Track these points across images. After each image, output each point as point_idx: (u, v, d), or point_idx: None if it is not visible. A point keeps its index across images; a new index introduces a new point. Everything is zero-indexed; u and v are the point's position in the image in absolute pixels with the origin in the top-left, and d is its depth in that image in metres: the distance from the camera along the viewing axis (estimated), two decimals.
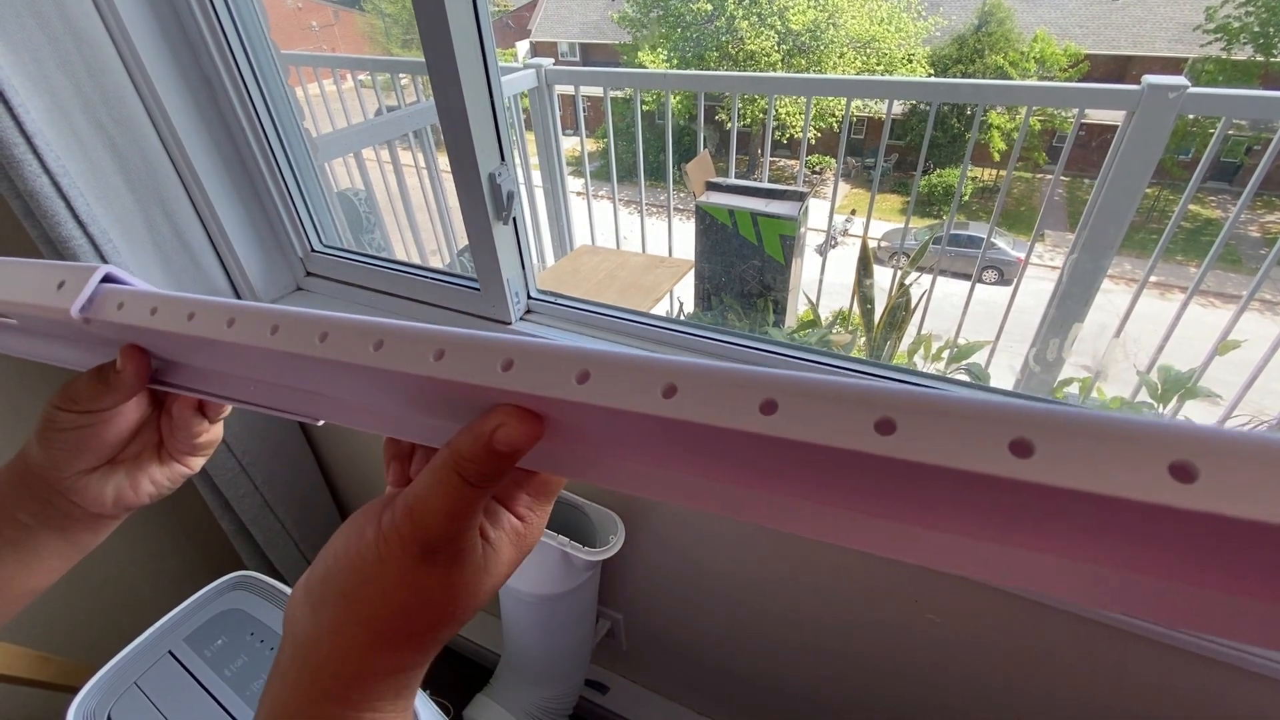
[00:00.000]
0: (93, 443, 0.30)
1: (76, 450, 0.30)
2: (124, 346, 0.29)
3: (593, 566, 0.88)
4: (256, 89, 0.87)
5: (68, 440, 0.30)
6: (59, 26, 0.72)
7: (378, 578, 0.22)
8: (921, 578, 0.73)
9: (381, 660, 0.23)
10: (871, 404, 0.14)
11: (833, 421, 0.14)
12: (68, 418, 0.29)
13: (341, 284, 1.00)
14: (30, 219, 0.77)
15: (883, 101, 1.79)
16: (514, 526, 0.25)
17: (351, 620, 0.22)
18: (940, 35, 9.14)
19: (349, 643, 0.22)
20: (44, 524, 0.31)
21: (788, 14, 8.68)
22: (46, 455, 0.30)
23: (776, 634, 0.95)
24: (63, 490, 0.31)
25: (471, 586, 0.23)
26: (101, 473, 0.31)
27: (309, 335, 0.21)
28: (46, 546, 0.31)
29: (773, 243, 1.75)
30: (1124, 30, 8.67)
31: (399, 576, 0.22)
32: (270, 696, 0.24)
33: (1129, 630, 0.61)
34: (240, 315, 0.22)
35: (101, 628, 1.12)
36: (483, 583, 0.23)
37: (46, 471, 0.30)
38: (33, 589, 0.32)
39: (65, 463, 0.30)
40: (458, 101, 0.71)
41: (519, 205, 0.83)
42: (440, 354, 0.19)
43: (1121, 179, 1.40)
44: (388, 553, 0.22)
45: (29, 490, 0.30)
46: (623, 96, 2.11)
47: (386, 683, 0.23)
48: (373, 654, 0.22)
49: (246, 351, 0.23)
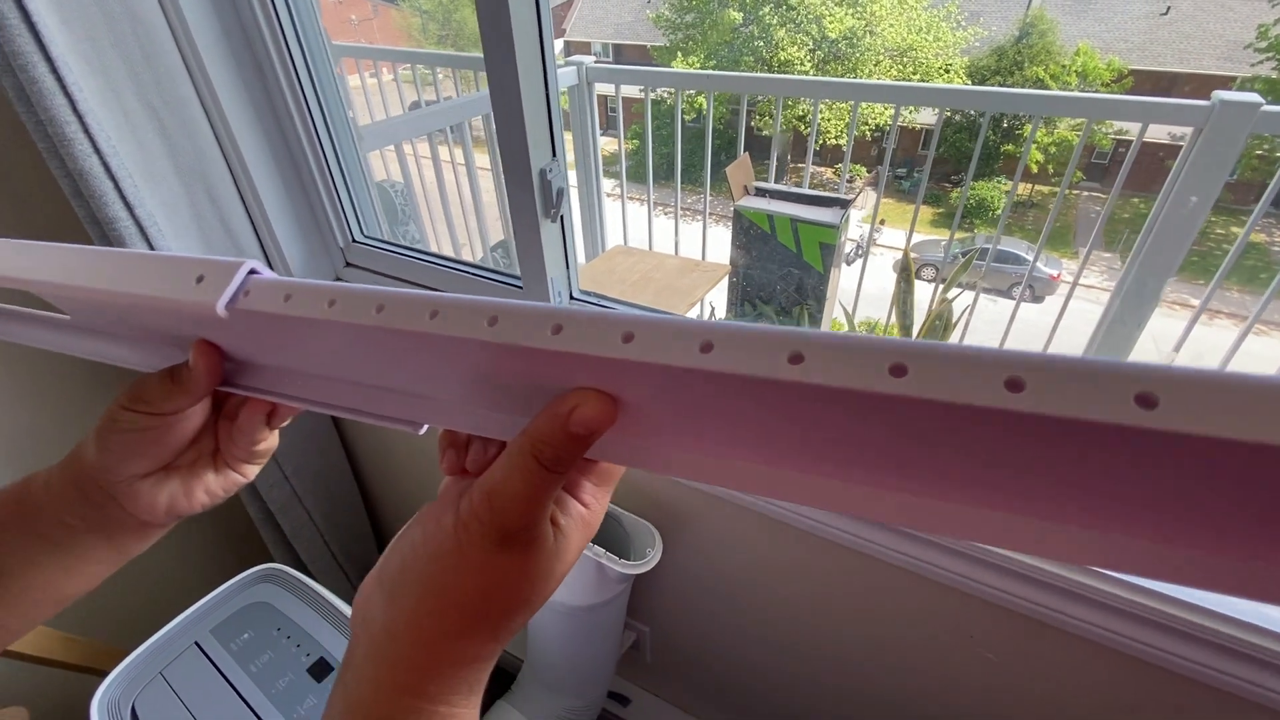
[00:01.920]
0: (153, 447, 0.29)
1: (135, 453, 0.29)
2: (196, 342, 0.27)
3: (626, 579, 0.85)
4: (308, 77, 0.85)
5: (128, 442, 0.28)
6: (116, 7, 0.71)
7: (457, 566, 0.22)
8: (972, 608, 0.69)
9: (458, 650, 0.23)
10: (1002, 364, 0.14)
11: (964, 381, 0.14)
12: (133, 418, 0.28)
13: (380, 275, 0.99)
14: (78, 198, 0.76)
15: (918, 110, 1.74)
16: (580, 513, 0.25)
17: (430, 610, 0.22)
18: (979, 45, 8.99)
19: (427, 633, 0.23)
20: (92, 529, 0.29)
21: (824, 21, 8.60)
22: (103, 457, 0.28)
23: (806, 656, 0.92)
24: (115, 495, 0.29)
25: (545, 572, 0.23)
26: (156, 479, 0.30)
27: (479, 319, 0.21)
28: (91, 552, 0.30)
29: (812, 250, 1.72)
30: (1171, 46, 8.45)
31: (478, 562, 0.22)
32: (344, 692, 0.23)
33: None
34: (390, 301, 0.22)
35: (126, 610, 1.12)
36: (555, 568, 0.24)
37: (100, 474, 0.29)
38: (71, 594, 0.31)
39: (122, 466, 0.29)
40: (514, 95, 0.69)
41: (567, 203, 0.80)
42: (558, 328, 0.19)
43: (1184, 200, 1.34)
44: (466, 540, 0.22)
45: (80, 493, 0.29)
46: (656, 98, 2.08)
47: (462, 674, 0.23)
48: (450, 643, 0.23)
49: (355, 346, 0.23)
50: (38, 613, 0.30)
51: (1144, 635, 0.57)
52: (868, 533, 0.67)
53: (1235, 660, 0.54)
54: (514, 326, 0.20)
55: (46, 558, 0.29)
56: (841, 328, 1.97)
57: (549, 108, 0.73)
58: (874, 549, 0.68)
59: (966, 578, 0.63)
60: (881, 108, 4.49)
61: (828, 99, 2.06)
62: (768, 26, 8.81)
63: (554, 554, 0.23)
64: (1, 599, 0.29)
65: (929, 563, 0.65)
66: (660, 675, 1.19)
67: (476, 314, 0.20)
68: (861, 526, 0.67)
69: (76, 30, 0.69)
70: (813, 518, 0.70)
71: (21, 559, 0.29)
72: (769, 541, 0.81)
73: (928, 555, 0.65)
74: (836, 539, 0.70)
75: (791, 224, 1.70)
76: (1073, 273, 6.44)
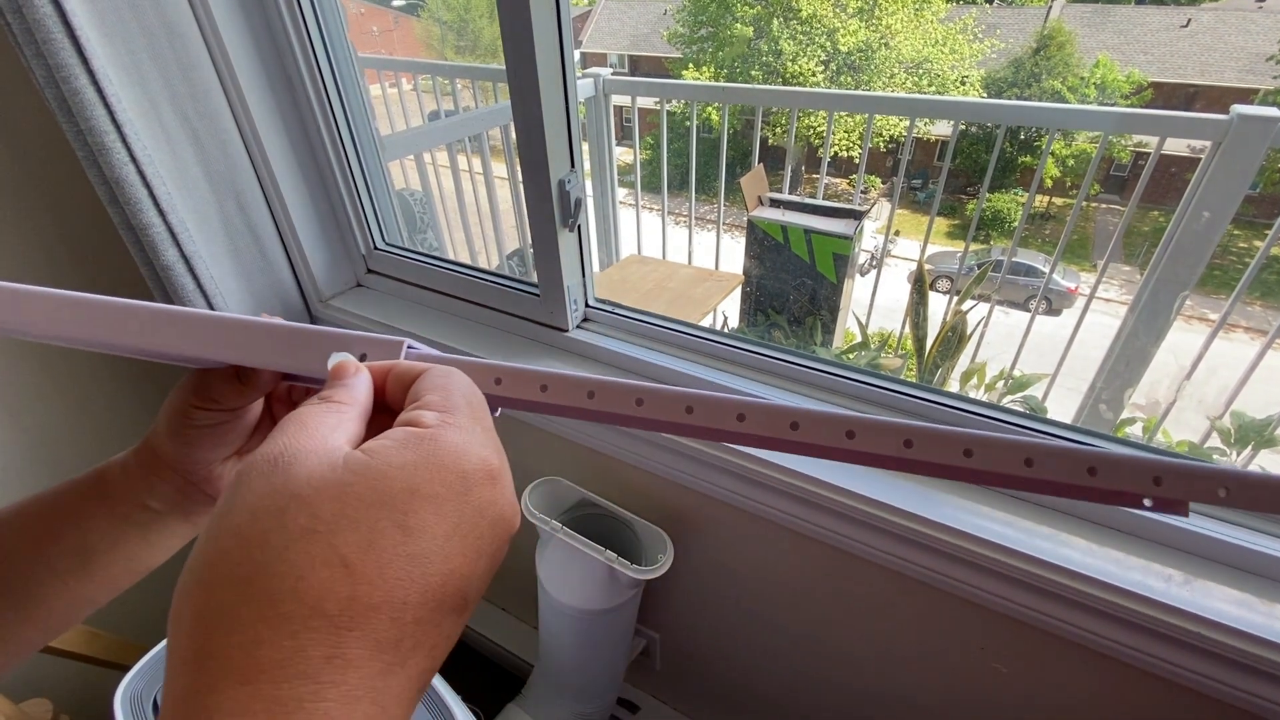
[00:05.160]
0: (228, 435, 0.31)
1: (215, 445, 0.31)
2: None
3: (637, 585, 0.86)
4: (334, 88, 0.88)
5: (204, 435, 0.31)
6: (155, 21, 0.74)
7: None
8: (983, 619, 0.69)
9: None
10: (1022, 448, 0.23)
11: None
12: (209, 415, 0.30)
13: (401, 282, 1.01)
14: (114, 205, 0.79)
15: (933, 122, 1.75)
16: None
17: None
18: (996, 58, 8.96)
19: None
20: (172, 510, 0.32)
21: (837, 35, 8.61)
22: (180, 449, 0.31)
23: (816, 666, 0.91)
24: (195, 481, 0.32)
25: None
26: (232, 462, 0.33)
27: (678, 407, 0.26)
28: (170, 528, 0.33)
29: (825, 261, 1.72)
30: (1191, 59, 8.37)
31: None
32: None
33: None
34: (600, 389, 0.26)
35: (148, 607, 1.14)
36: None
37: (181, 464, 0.31)
38: (151, 566, 0.33)
39: (204, 456, 0.31)
40: (534, 107, 0.71)
41: (584, 213, 0.82)
42: (741, 416, 0.24)
43: (1202, 214, 1.34)
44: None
45: (158, 479, 0.31)
46: (671, 109, 2.10)
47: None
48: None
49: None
50: (120, 585, 0.33)
51: (1159, 650, 0.57)
52: (881, 542, 0.68)
53: (1257, 680, 0.54)
54: (708, 413, 0.24)
55: (130, 537, 0.32)
56: (854, 338, 1.97)
57: (569, 120, 0.75)
58: (887, 559, 0.68)
59: (978, 589, 0.63)
60: (896, 120, 4.50)
61: (842, 111, 2.06)
62: (777, 40, 8.84)
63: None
64: (91, 576, 0.31)
65: (941, 573, 0.65)
66: (669, 683, 1.18)
67: (676, 402, 0.25)
68: (875, 536, 0.68)
69: (116, 44, 0.72)
70: (826, 527, 0.70)
71: (108, 540, 0.31)
72: (781, 549, 0.81)
73: (940, 566, 0.65)
74: (849, 548, 0.70)
75: (805, 235, 1.71)
76: (1090, 285, 6.37)
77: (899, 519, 0.64)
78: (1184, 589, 0.55)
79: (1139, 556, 0.58)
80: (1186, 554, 0.58)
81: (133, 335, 0.26)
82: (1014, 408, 0.73)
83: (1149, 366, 1.50)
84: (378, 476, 0.18)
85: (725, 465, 0.73)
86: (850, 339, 1.98)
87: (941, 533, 0.62)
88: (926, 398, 0.71)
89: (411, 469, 0.19)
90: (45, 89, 0.70)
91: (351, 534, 0.17)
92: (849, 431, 0.23)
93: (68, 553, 0.31)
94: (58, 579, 0.30)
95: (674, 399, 0.25)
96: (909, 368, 1.81)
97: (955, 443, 0.22)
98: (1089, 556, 0.58)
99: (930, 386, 1.66)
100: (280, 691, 0.15)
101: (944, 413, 0.69)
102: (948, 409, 0.69)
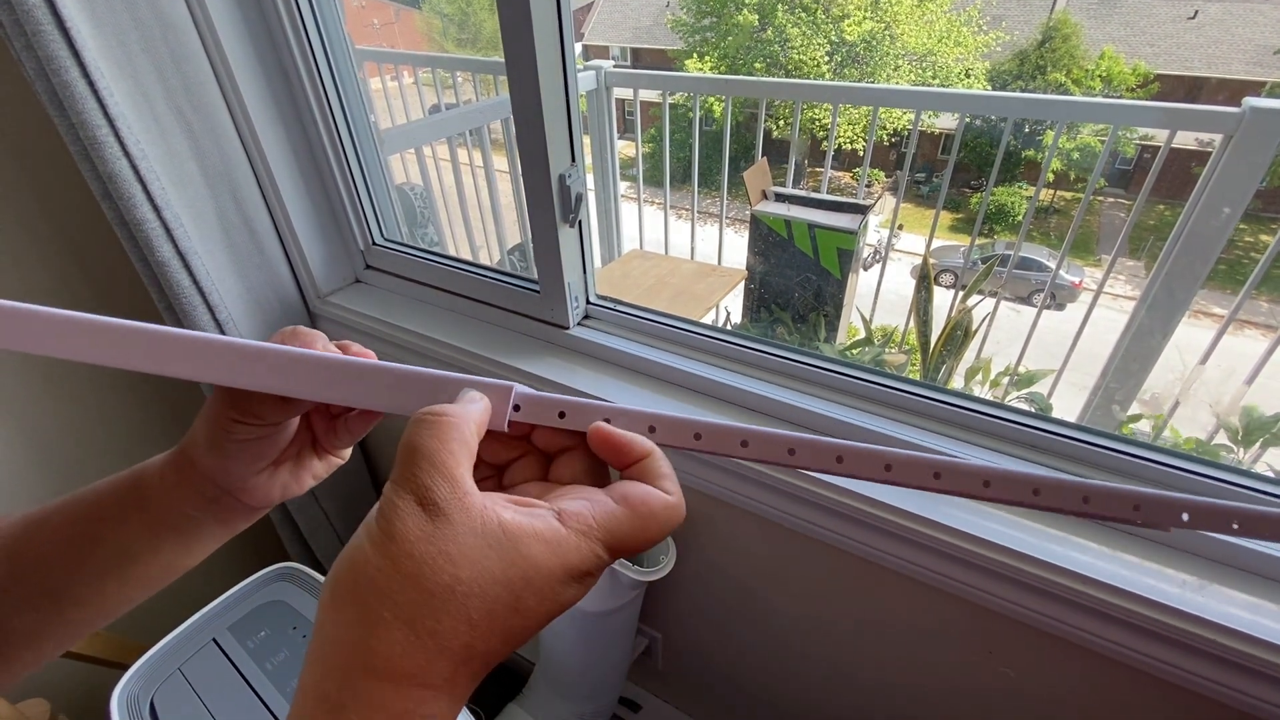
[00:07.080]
0: (268, 449, 0.32)
1: (255, 458, 0.32)
2: None
3: (639, 586, 0.85)
4: (332, 82, 0.86)
5: (244, 448, 0.31)
6: (147, 12, 0.73)
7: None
8: (991, 623, 0.68)
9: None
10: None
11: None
12: (249, 430, 0.30)
13: (399, 278, 1.00)
14: (108, 200, 0.78)
15: (937, 115, 1.73)
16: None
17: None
18: (1001, 50, 8.88)
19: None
20: (209, 516, 0.33)
21: (843, 24, 8.54)
22: (222, 463, 0.31)
23: (818, 666, 0.91)
24: (233, 491, 0.32)
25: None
26: (269, 472, 0.33)
27: (780, 449, 0.28)
28: (207, 533, 0.34)
29: (829, 256, 1.70)
30: (1198, 50, 8.28)
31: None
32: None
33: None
34: (707, 432, 0.29)
35: (146, 606, 1.14)
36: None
37: (217, 475, 0.31)
38: (186, 568, 0.35)
39: (243, 469, 0.32)
40: (534, 99, 0.69)
41: (585, 209, 0.80)
42: (887, 466, 0.27)
43: (1212, 207, 1.32)
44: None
45: (196, 488, 0.32)
46: (674, 102, 2.08)
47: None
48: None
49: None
50: (156, 586, 0.34)
51: (1172, 656, 0.56)
52: (884, 544, 0.66)
53: (1273, 687, 0.53)
54: (810, 456, 0.27)
55: (168, 542, 0.32)
56: (858, 333, 1.95)
57: (569, 113, 0.74)
58: (891, 560, 0.67)
59: (986, 592, 0.62)
60: (900, 112, 4.47)
61: (846, 103, 2.05)
62: (782, 28, 8.76)
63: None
64: (130, 578, 0.32)
65: (947, 575, 0.64)
66: (672, 682, 1.18)
67: (778, 445, 0.27)
68: (879, 538, 0.66)
69: (108, 35, 0.71)
70: (829, 528, 0.69)
71: (146, 545, 0.32)
72: (783, 550, 0.80)
73: (946, 568, 0.64)
74: (853, 549, 0.69)
75: (809, 229, 1.69)
76: (1096, 280, 6.33)
77: (903, 521, 0.63)
78: (1198, 594, 0.54)
79: (1152, 561, 0.57)
80: (1200, 558, 0.57)
81: (226, 373, 0.27)
82: (1020, 406, 0.72)
83: (1156, 363, 1.49)
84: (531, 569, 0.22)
85: (727, 466, 0.72)
86: (854, 334, 1.96)
87: (947, 535, 0.61)
88: (932, 397, 0.69)
89: (548, 574, 0.22)
90: (36, 82, 0.69)
91: (480, 603, 0.21)
92: (936, 473, 0.26)
93: (106, 556, 0.31)
94: (96, 580, 0.31)
95: (826, 449, 0.27)
96: (913, 363, 1.79)
97: (977, 476, 0.26)
98: (1101, 560, 0.57)
99: (935, 385, 1.65)
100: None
101: (949, 412, 0.68)
102: (954, 408, 0.68)
